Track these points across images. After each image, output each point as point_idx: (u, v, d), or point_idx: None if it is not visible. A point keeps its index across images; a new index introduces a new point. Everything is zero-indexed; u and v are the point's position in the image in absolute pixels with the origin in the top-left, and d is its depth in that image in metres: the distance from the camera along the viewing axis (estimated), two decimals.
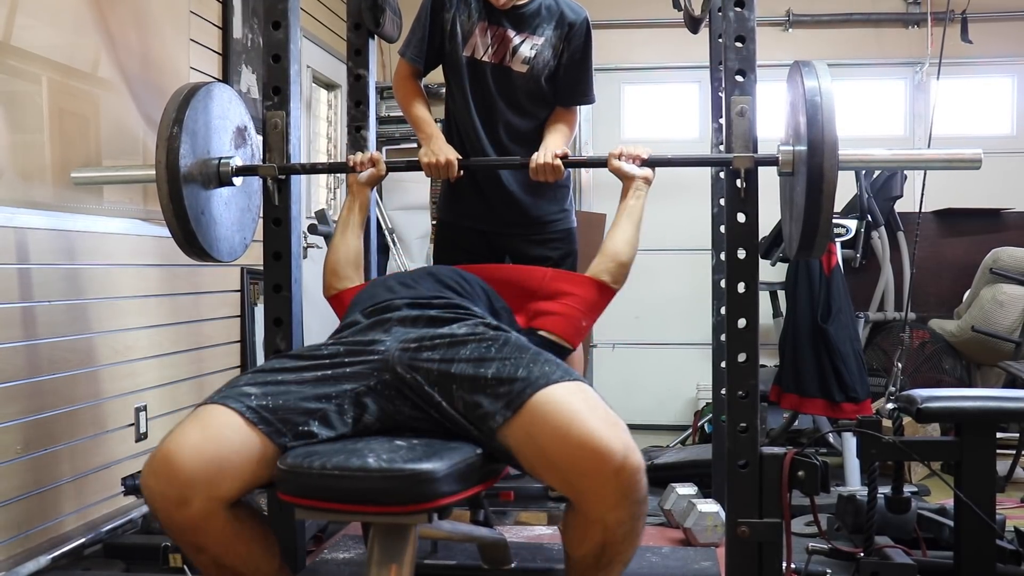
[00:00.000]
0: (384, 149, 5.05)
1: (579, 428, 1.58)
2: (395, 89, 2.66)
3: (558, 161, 2.35)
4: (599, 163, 2.38)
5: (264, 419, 1.69)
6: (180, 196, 2.19)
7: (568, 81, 2.59)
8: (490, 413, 1.66)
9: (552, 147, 2.42)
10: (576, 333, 2.16)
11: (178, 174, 2.18)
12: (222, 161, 2.35)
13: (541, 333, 2.13)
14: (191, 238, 2.26)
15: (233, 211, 2.45)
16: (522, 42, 2.53)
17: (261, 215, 2.45)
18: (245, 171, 2.39)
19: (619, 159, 2.31)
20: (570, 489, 1.64)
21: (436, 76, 2.69)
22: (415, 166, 2.45)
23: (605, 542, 1.66)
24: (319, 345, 1.86)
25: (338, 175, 4.99)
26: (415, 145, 2.59)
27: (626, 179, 2.32)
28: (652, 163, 2.33)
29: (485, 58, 2.54)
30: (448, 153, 2.42)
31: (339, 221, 2.43)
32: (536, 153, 2.39)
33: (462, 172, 2.45)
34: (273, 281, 2.40)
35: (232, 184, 2.37)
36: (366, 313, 1.98)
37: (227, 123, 2.42)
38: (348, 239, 2.40)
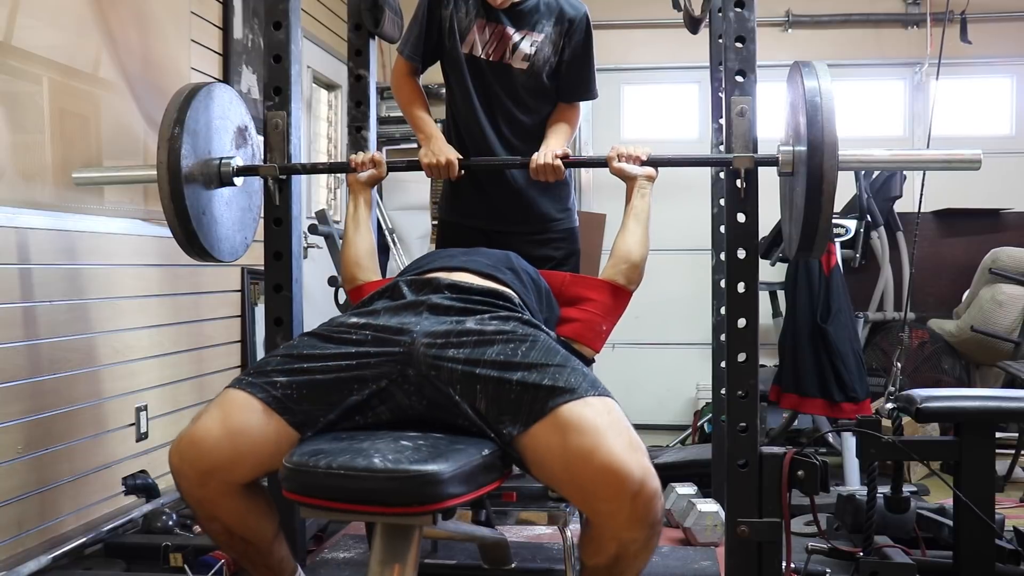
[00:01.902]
0: (384, 149, 5.06)
1: (603, 452, 1.58)
2: (394, 88, 2.65)
3: (558, 162, 2.36)
4: (600, 163, 2.38)
5: (288, 409, 1.74)
6: (181, 196, 2.20)
7: (570, 77, 2.59)
8: (511, 420, 1.67)
9: (553, 147, 2.42)
10: (597, 338, 2.19)
11: (179, 174, 2.19)
12: (223, 161, 2.35)
13: (564, 340, 2.14)
14: (192, 238, 2.27)
15: (234, 211, 2.46)
16: (522, 39, 2.53)
17: (262, 215, 2.46)
18: (246, 171, 2.40)
19: (619, 160, 2.31)
20: (586, 507, 1.66)
21: (435, 76, 2.69)
22: (415, 166, 2.45)
23: (618, 555, 1.68)
24: (351, 324, 1.84)
25: (338, 175, 5.00)
26: (415, 145, 2.59)
27: (628, 179, 2.32)
28: (652, 163, 2.33)
29: (484, 56, 2.54)
30: (448, 153, 2.42)
31: (348, 218, 2.43)
32: (536, 153, 2.39)
33: (463, 172, 2.45)
34: (274, 281, 2.41)
35: (233, 184, 2.37)
36: (409, 282, 1.98)
37: (228, 123, 2.42)
38: (364, 234, 2.41)
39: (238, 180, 2.38)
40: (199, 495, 1.75)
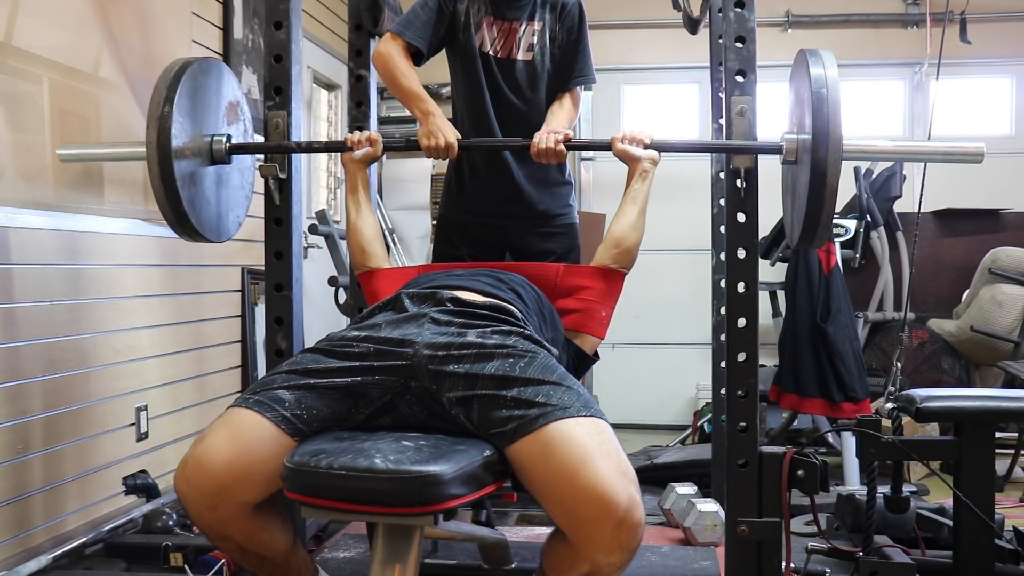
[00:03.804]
0: (384, 151, 5.05)
1: (588, 473, 1.56)
2: (383, 63, 2.49)
3: (561, 147, 2.31)
4: (603, 146, 2.34)
5: (298, 430, 1.72)
6: (172, 177, 2.13)
7: (566, 62, 2.60)
8: (502, 433, 1.66)
9: (555, 127, 2.41)
10: (599, 324, 2.20)
11: (169, 154, 2.12)
12: (215, 138, 2.29)
13: (567, 331, 2.14)
14: (183, 219, 2.20)
15: (226, 189, 2.40)
16: (524, 31, 2.57)
17: (254, 196, 2.41)
18: (239, 149, 2.35)
19: (623, 142, 2.28)
20: (567, 526, 1.63)
21: (434, 76, 2.69)
22: (413, 145, 2.39)
23: (590, 574, 1.66)
24: (352, 337, 1.83)
25: (339, 176, 5.00)
26: (416, 148, 2.57)
27: (632, 161, 2.28)
28: (656, 148, 2.29)
29: (492, 52, 2.57)
30: (448, 133, 2.37)
31: (347, 201, 2.39)
32: (537, 135, 2.35)
33: (461, 152, 2.43)
34: (274, 280, 2.41)
35: (225, 162, 2.33)
36: (411, 295, 1.96)
37: (219, 99, 2.36)
38: (365, 216, 2.37)
39: (230, 158, 2.33)
40: (210, 519, 1.72)
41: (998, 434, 2.53)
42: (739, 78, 2.17)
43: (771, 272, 4.79)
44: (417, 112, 2.45)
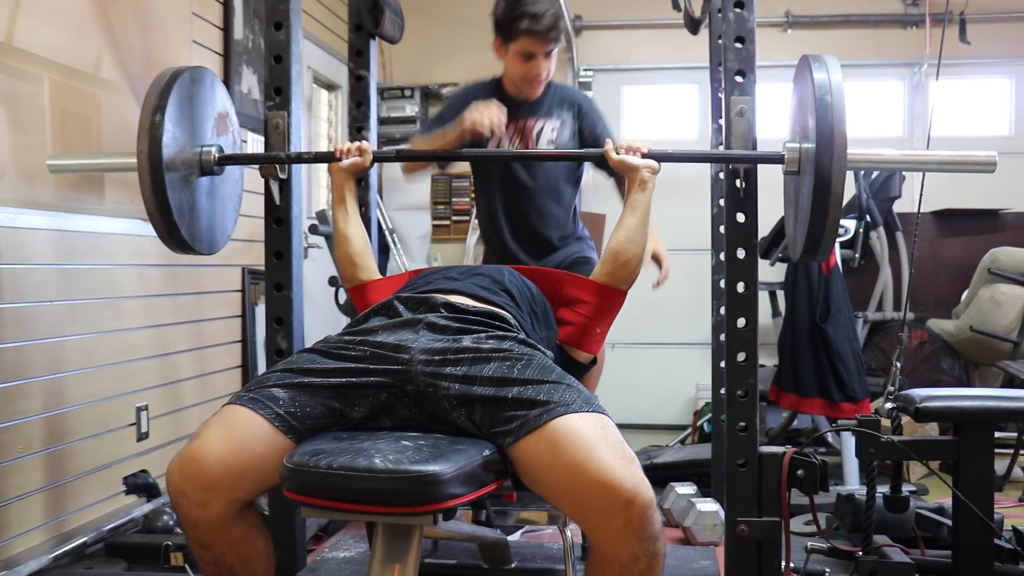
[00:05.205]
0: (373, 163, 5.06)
1: (595, 464, 1.58)
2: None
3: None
4: (598, 156, 2.29)
5: (292, 427, 1.72)
6: (162, 186, 2.12)
7: (597, 143, 2.71)
8: (505, 432, 1.67)
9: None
10: (592, 341, 2.16)
11: (161, 164, 2.11)
12: (204, 149, 2.28)
13: (560, 344, 2.13)
14: (173, 230, 2.19)
15: (215, 201, 2.38)
16: (543, 126, 2.82)
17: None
18: (229, 160, 2.34)
19: (619, 152, 2.21)
20: (581, 519, 1.66)
21: (436, 77, 2.70)
22: (404, 156, 2.42)
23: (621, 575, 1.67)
24: (348, 340, 1.84)
25: None
26: (406, 158, 2.57)
27: (630, 172, 2.20)
28: (653, 158, 2.27)
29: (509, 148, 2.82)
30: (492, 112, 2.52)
31: (335, 210, 2.35)
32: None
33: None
34: (275, 280, 2.40)
35: (215, 173, 2.31)
36: (405, 299, 1.96)
37: (209, 109, 2.35)
38: (354, 227, 2.33)
39: (220, 169, 2.32)
40: (197, 517, 1.71)
41: (997, 434, 2.53)
42: (738, 78, 2.17)
43: (771, 272, 4.79)
44: (448, 137, 2.59)
